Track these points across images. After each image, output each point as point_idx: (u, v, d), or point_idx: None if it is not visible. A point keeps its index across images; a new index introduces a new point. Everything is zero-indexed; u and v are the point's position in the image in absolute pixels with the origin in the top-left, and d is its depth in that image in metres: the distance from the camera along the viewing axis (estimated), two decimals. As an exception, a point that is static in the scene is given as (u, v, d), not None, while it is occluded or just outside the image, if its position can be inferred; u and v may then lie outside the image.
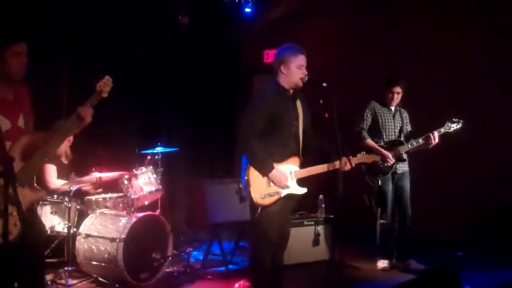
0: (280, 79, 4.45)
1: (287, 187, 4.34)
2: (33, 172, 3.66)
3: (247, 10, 9.36)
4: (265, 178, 4.27)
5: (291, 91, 4.49)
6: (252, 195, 4.25)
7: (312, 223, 6.65)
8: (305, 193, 4.50)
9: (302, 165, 4.50)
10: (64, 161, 6.39)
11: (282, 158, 4.38)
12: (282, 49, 4.52)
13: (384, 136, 6.24)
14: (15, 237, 3.38)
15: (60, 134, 3.78)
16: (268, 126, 4.32)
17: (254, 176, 4.27)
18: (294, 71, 4.39)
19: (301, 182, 4.47)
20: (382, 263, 6.24)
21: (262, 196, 4.25)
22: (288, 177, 4.36)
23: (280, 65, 4.43)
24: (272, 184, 4.29)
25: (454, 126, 6.06)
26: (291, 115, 4.47)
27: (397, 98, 6.24)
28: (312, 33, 9.10)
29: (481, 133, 6.89)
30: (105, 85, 3.84)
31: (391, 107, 6.32)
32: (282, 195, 4.33)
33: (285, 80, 4.44)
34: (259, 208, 4.26)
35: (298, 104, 4.56)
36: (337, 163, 4.39)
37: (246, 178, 4.28)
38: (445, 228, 7.28)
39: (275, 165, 4.30)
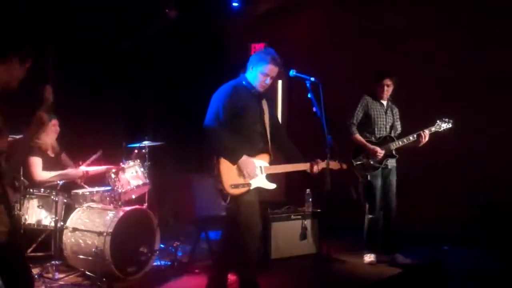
0: (248, 76, 4.61)
1: (255, 176, 4.43)
2: (10, 174, 3.67)
3: (235, 4, 9.34)
4: (236, 168, 4.37)
5: (256, 90, 4.61)
6: (223, 184, 4.34)
7: (299, 217, 6.68)
8: (275, 188, 4.61)
9: (272, 163, 4.63)
10: (51, 154, 6.36)
11: (251, 154, 4.49)
12: (261, 51, 4.69)
13: (376, 132, 6.27)
14: (5, 237, 3.40)
15: (29, 137, 3.82)
16: (234, 120, 4.43)
17: (224, 166, 4.37)
18: (258, 75, 4.54)
19: (272, 178, 4.58)
20: (369, 257, 6.28)
21: (232, 185, 4.35)
22: (257, 169, 4.48)
23: (251, 64, 4.59)
24: (242, 175, 4.40)
25: (445, 126, 6.13)
26: (256, 111, 4.59)
27: (388, 91, 6.29)
28: (299, 27, 9.12)
29: (470, 131, 6.92)
30: (49, 94, 3.87)
31: (383, 103, 6.35)
32: (252, 187, 4.44)
33: (251, 80, 4.59)
34: (229, 196, 4.36)
35: (264, 103, 4.70)
36: (307, 164, 4.64)
37: (216, 167, 4.37)
38: (431, 222, 7.33)
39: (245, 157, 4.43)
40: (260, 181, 4.52)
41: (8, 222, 3.44)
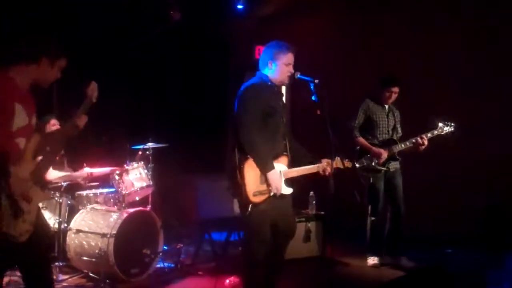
0: (268, 74, 4.47)
1: (281, 189, 4.28)
2: (44, 172, 3.68)
3: (239, 6, 9.35)
4: (258, 175, 4.21)
5: (277, 87, 4.52)
6: (247, 193, 4.17)
7: (303, 219, 6.64)
8: (293, 191, 4.49)
9: (290, 165, 4.47)
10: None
11: (274, 157, 4.33)
12: (272, 45, 4.51)
13: (378, 135, 6.27)
14: (28, 237, 3.41)
15: (62, 139, 3.87)
16: (264, 120, 4.28)
17: (249, 171, 4.19)
18: (282, 67, 4.40)
19: (288, 181, 4.44)
20: (372, 260, 6.26)
21: (254, 193, 4.20)
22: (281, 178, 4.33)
23: (268, 60, 4.44)
24: (264, 183, 4.24)
25: (447, 130, 6.10)
26: (280, 111, 4.45)
27: (394, 97, 6.28)
28: (304, 30, 9.11)
29: (471, 132, 6.91)
30: (93, 91, 3.86)
31: (385, 106, 6.35)
32: (272, 193, 4.28)
33: (272, 75, 4.45)
34: (250, 205, 4.20)
35: (281, 102, 4.58)
36: (321, 165, 4.48)
37: (239, 172, 4.18)
38: (434, 225, 7.32)
39: None
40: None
41: (34, 223, 3.46)
